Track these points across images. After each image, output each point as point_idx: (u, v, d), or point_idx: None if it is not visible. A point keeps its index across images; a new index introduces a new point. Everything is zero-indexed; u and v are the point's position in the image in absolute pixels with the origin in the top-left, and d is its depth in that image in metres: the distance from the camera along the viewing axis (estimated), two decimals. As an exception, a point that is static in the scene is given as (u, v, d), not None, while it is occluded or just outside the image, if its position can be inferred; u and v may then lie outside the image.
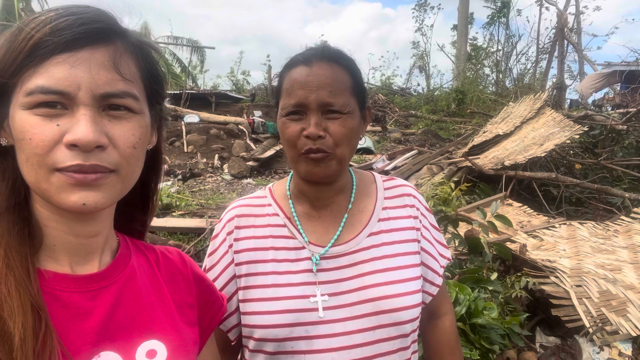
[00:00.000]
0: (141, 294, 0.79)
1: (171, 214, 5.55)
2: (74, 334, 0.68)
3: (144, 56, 0.75)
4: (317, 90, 1.03)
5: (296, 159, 1.07)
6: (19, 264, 0.65)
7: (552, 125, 7.45)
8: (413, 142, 11.17)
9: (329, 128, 1.04)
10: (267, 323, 1.05)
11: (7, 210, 0.68)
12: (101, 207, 0.69)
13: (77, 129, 0.64)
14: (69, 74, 0.64)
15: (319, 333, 1.05)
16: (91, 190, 0.66)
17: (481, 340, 2.61)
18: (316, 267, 1.09)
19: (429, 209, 1.25)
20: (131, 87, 0.70)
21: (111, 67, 0.68)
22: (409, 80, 24.96)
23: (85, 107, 0.65)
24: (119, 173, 0.69)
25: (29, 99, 0.64)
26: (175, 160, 9.06)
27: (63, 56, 0.65)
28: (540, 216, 5.27)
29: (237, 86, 19.22)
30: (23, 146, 0.65)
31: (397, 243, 1.14)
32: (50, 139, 0.64)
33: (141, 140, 0.72)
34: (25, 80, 0.64)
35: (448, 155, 8.17)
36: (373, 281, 1.08)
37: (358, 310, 1.06)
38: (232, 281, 1.11)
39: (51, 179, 0.65)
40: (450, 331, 1.28)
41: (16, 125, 0.65)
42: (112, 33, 0.70)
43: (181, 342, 0.81)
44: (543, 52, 21.99)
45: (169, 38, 21.47)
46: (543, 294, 3.21)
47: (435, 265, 1.20)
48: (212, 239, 1.19)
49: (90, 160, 0.65)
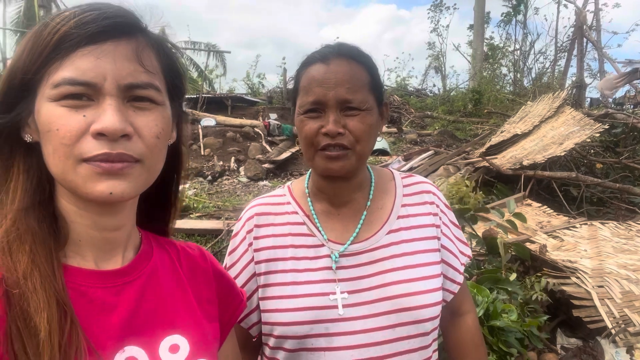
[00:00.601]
0: (163, 289, 0.81)
1: (189, 216, 5.61)
2: (98, 329, 0.69)
3: (165, 51, 0.77)
4: (335, 88, 1.03)
5: (313, 156, 1.07)
6: (44, 259, 0.66)
7: (572, 124, 7.31)
8: (429, 143, 11.09)
9: (347, 125, 1.04)
10: (287, 320, 1.05)
11: (32, 207, 0.69)
12: (127, 197, 0.70)
13: (104, 118, 0.65)
14: (94, 65, 0.66)
15: (338, 330, 1.05)
16: (117, 180, 0.67)
17: (499, 343, 2.57)
18: (335, 264, 1.09)
19: (448, 206, 1.24)
20: (153, 78, 0.72)
21: (134, 59, 0.69)
22: (424, 81, 24.82)
23: (110, 97, 0.67)
24: (144, 163, 0.70)
25: (55, 91, 0.66)
26: (192, 164, 9.15)
27: (88, 48, 0.66)
28: (561, 216, 5.18)
29: (252, 89, 19.33)
30: (50, 137, 0.66)
31: (416, 240, 1.13)
32: (77, 129, 0.65)
33: (164, 131, 0.73)
34: (52, 73, 0.66)
35: (465, 155, 8.09)
36: (393, 279, 1.07)
37: (378, 308, 1.06)
38: (252, 279, 1.12)
39: (78, 170, 0.66)
40: (474, 329, 1.26)
41: (42, 117, 0.67)
42: (134, 28, 0.72)
43: (202, 337, 0.82)
44: (562, 51, 21.64)
45: (186, 43, 21.73)
46: (564, 295, 3.16)
47: (456, 263, 1.19)
48: (232, 237, 1.19)
49: (116, 148, 0.66)
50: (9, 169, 0.71)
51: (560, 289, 3.17)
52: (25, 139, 0.70)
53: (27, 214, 0.68)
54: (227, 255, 1.19)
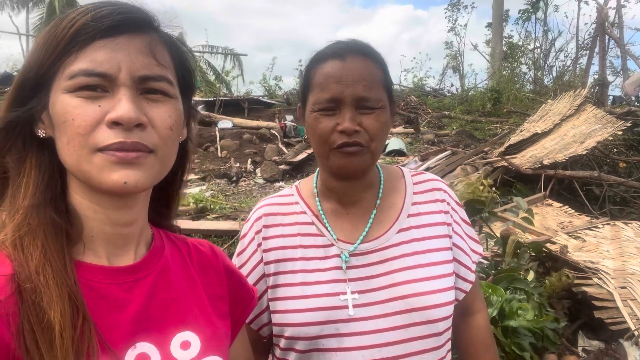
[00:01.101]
0: (175, 285, 0.81)
1: (205, 217, 5.65)
2: (110, 325, 0.70)
3: (176, 49, 0.78)
4: (353, 85, 1.01)
5: (327, 154, 1.05)
6: (56, 254, 0.66)
7: (594, 122, 7.16)
8: (447, 143, 10.97)
9: (363, 123, 1.02)
10: (298, 321, 1.05)
11: (44, 202, 0.70)
12: (141, 187, 0.71)
13: (119, 107, 0.67)
14: (110, 57, 0.68)
15: (349, 331, 1.04)
16: (132, 169, 0.68)
17: (512, 345, 2.51)
18: (346, 264, 1.07)
19: (459, 204, 1.22)
20: (166, 72, 0.73)
21: (148, 52, 0.71)
22: (442, 81, 24.54)
23: (125, 87, 0.68)
24: (157, 154, 0.71)
25: (71, 82, 0.67)
26: (210, 165, 9.23)
27: (103, 41, 0.68)
28: (582, 216, 5.07)
29: (269, 92, 19.42)
30: (65, 128, 0.67)
31: (427, 239, 1.12)
32: (92, 119, 0.67)
33: (177, 123, 0.75)
34: (67, 66, 0.67)
35: (483, 155, 7.98)
36: (403, 278, 1.06)
37: (389, 308, 1.05)
38: (261, 280, 1.11)
39: (93, 159, 0.67)
40: (485, 328, 1.24)
41: (58, 108, 0.68)
42: (148, 25, 0.74)
43: (214, 334, 0.82)
44: (583, 48, 21.22)
45: (204, 47, 21.98)
46: (585, 296, 3.08)
47: (468, 261, 1.17)
48: (240, 238, 1.19)
49: (131, 137, 0.67)
50: (21, 164, 0.72)
51: (582, 290, 3.09)
52: (38, 134, 0.72)
53: (38, 209, 0.69)
54: (235, 256, 1.18)
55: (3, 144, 0.72)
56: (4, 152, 0.72)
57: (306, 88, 1.09)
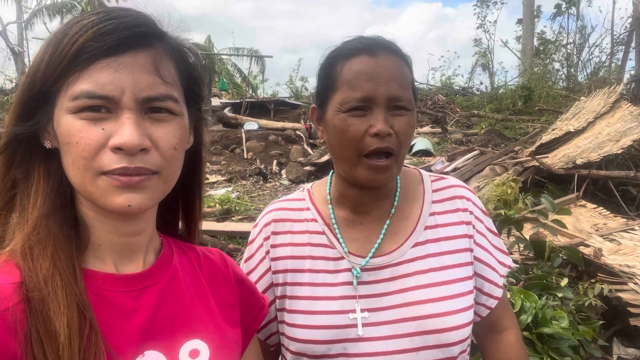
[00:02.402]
0: (184, 293, 0.80)
1: (231, 219, 5.70)
2: (118, 333, 0.69)
3: (183, 58, 0.76)
4: (387, 83, 0.93)
5: (355, 162, 0.97)
6: (65, 263, 0.66)
7: (630, 119, 6.89)
8: (475, 143, 10.76)
9: (394, 126, 0.94)
10: (304, 337, 1.01)
11: (54, 211, 0.70)
12: (145, 208, 0.71)
13: (123, 132, 0.66)
14: (112, 79, 0.66)
15: (358, 351, 0.99)
16: (135, 192, 0.68)
17: (550, 351, 2.42)
18: (357, 280, 1.01)
19: (485, 212, 1.13)
20: (171, 89, 0.72)
21: (152, 71, 0.69)
22: (471, 79, 24.16)
23: (129, 111, 0.67)
24: (161, 174, 0.71)
25: (74, 104, 0.66)
26: (236, 167, 9.32)
27: (107, 60, 0.66)
28: (618, 218, 4.88)
29: (295, 93, 19.51)
30: (70, 150, 0.67)
31: (445, 254, 1.04)
32: (96, 143, 0.66)
33: (181, 141, 0.74)
34: (70, 85, 0.66)
35: (513, 155, 7.78)
36: (416, 297, 0.99)
37: (401, 329, 0.98)
38: (270, 289, 1.07)
39: (97, 182, 0.67)
40: (517, 347, 1.13)
41: (62, 129, 0.68)
42: (152, 37, 0.71)
43: (223, 342, 0.81)
44: (619, 43, 20.49)
45: (231, 49, 22.26)
46: (621, 302, 2.96)
47: (493, 276, 1.08)
48: (248, 244, 1.14)
49: (134, 162, 0.67)
50: (29, 174, 0.72)
51: (617, 296, 2.97)
52: (45, 145, 0.72)
53: (48, 218, 0.69)
54: (243, 262, 1.13)
55: (11, 158, 0.72)
56: (12, 165, 0.72)
57: (329, 87, 0.99)
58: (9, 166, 0.72)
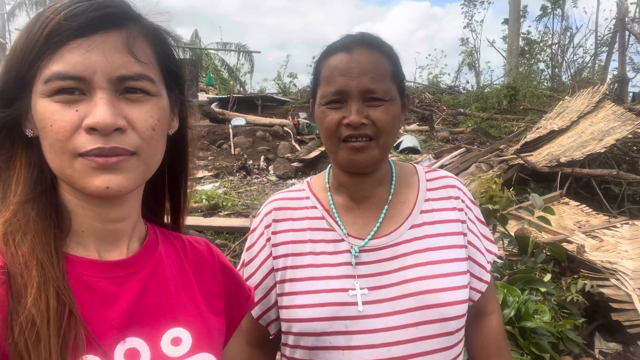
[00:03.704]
0: (168, 281, 0.80)
1: (217, 214, 5.67)
2: (100, 319, 0.69)
3: (159, 40, 0.75)
4: (359, 77, 1.00)
5: (335, 148, 1.04)
6: (43, 248, 0.66)
7: (613, 119, 7.01)
8: (461, 141, 10.85)
9: (370, 115, 1.01)
10: (305, 317, 1.03)
11: (33, 198, 0.70)
12: (125, 191, 0.69)
13: (95, 112, 0.65)
14: (83, 59, 0.65)
15: (358, 328, 1.01)
16: (113, 174, 0.67)
17: (531, 346, 2.46)
18: (355, 259, 1.05)
19: (474, 202, 1.19)
20: (146, 69, 0.70)
21: (125, 50, 0.68)
22: (457, 78, 24.29)
23: (102, 90, 0.66)
24: (140, 155, 0.70)
25: (47, 87, 0.65)
26: (223, 162, 9.27)
27: (78, 41, 0.65)
28: (600, 215, 4.98)
29: (283, 89, 19.43)
30: (46, 134, 0.66)
31: (441, 235, 1.09)
32: (70, 125, 0.65)
33: (160, 122, 0.72)
34: (43, 68, 0.66)
35: (498, 153, 7.87)
36: (415, 275, 1.04)
37: (400, 305, 1.02)
38: (270, 274, 1.10)
39: (74, 165, 0.66)
40: (498, 331, 1.20)
41: (38, 114, 0.67)
42: (125, 17, 0.70)
43: (206, 331, 0.81)
44: (602, 44, 20.82)
45: (218, 44, 22.09)
46: (603, 298, 3.02)
47: (483, 261, 1.14)
48: (249, 233, 1.18)
49: (110, 143, 0.66)
50: (10, 162, 0.71)
51: (599, 292, 3.02)
52: (26, 133, 0.71)
53: (27, 204, 0.69)
54: (244, 251, 1.17)
55: None
56: None
57: (314, 83, 1.09)
58: None
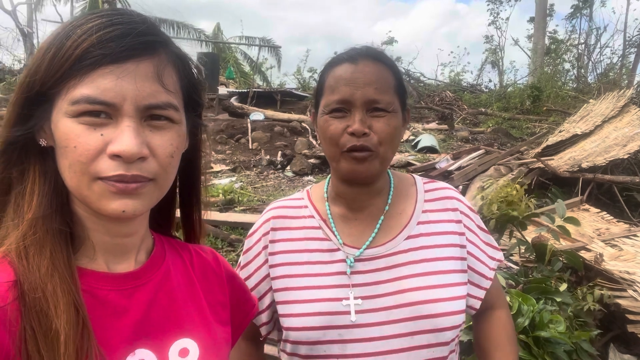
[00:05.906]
0: (175, 292, 0.81)
1: (233, 209, 5.71)
2: (110, 332, 0.70)
3: (184, 65, 0.76)
4: (364, 87, 1.02)
5: (338, 158, 1.05)
6: (63, 263, 0.67)
7: (638, 124, 6.83)
8: (481, 141, 10.70)
9: (373, 126, 1.02)
10: (299, 325, 1.05)
11: (51, 211, 0.70)
12: (139, 214, 0.71)
13: (122, 140, 0.66)
14: (114, 85, 0.66)
15: (353, 337, 1.03)
16: (130, 199, 0.68)
17: (545, 355, 2.43)
18: (350, 269, 1.07)
19: (473, 210, 1.20)
20: (172, 98, 0.71)
21: (155, 79, 0.69)
22: (480, 76, 23.91)
23: (129, 118, 0.67)
24: (157, 181, 0.71)
25: (74, 108, 0.66)
26: (240, 157, 9.33)
27: (110, 67, 0.66)
28: (621, 223, 4.85)
29: (302, 84, 19.40)
30: (67, 153, 0.67)
31: (437, 247, 1.10)
32: (94, 148, 0.66)
33: (178, 149, 0.74)
34: (71, 89, 0.66)
35: (519, 155, 7.74)
36: (411, 285, 1.05)
37: (395, 315, 1.03)
38: (264, 280, 1.12)
39: (93, 187, 0.67)
40: (507, 321, 1.22)
41: (60, 132, 0.67)
42: (156, 44, 0.71)
43: (213, 341, 0.82)
44: (631, 45, 20.26)
45: (240, 38, 22.17)
46: (619, 309, 2.95)
47: (483, 269, 1.15)
48: (247, 237, 1.20)
49: (131, 170, 0.67)
50: (24, 173, 0.71)
51: (615, 302, 2.96)
52: (39, 142, 0.71)
53: (45, 218, 0.69)
54: (242, 254, 1.20)
55: (8, 161, 0.71)
56: (10, 167, 0.71)
57: (318, 92, 1.11)
58: (5, 166, 0.71)
